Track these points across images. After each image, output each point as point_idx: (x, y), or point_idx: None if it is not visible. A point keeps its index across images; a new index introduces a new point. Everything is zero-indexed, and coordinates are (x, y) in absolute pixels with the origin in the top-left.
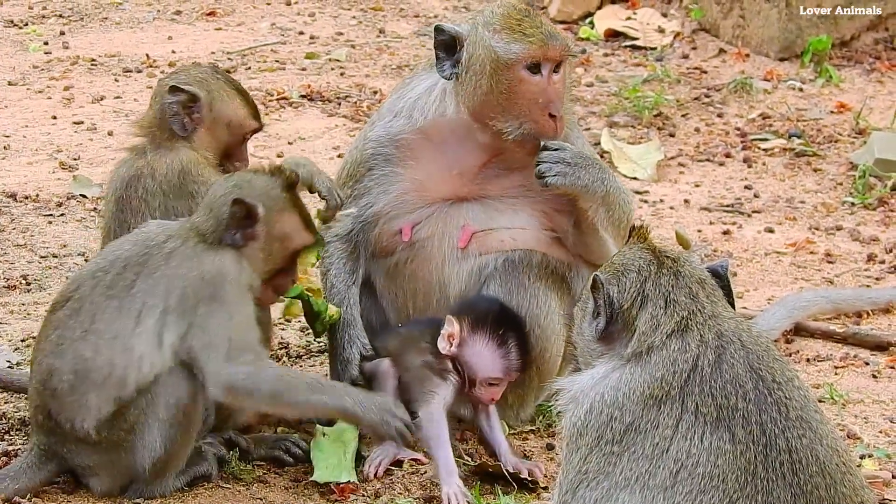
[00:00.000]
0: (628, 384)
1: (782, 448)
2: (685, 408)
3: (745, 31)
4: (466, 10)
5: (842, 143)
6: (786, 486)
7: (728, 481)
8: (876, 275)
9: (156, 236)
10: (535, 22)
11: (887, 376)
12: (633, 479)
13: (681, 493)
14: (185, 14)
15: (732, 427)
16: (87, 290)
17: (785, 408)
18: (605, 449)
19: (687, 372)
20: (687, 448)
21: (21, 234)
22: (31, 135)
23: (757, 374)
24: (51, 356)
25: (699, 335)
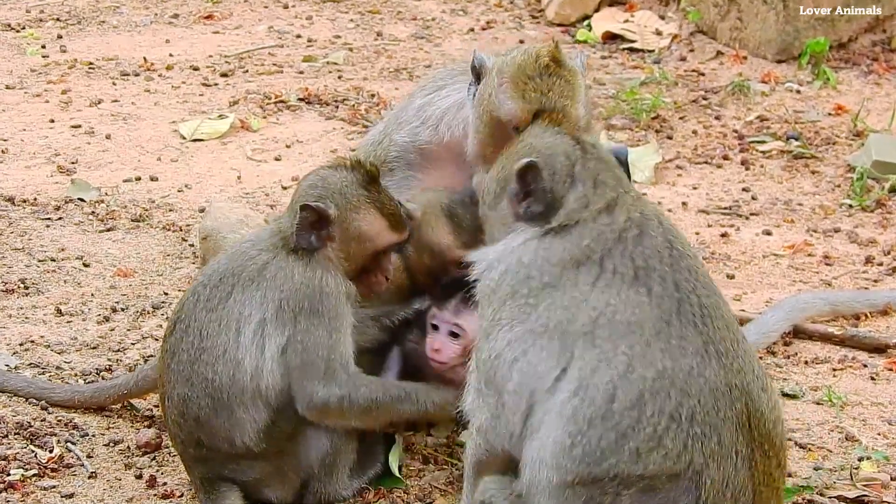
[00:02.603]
0: (548, 249)
1: (694, 302)
2: (604, 269)
3: (742, 33)
4: (464, 13)
5: (839, 145)
6: (697, 333)
7: (645, 328)
8: (874, 277)
9: (249, 248)
10: (543, 87)
11: (885, 378)
12: (550, 325)
13: (601, 336)
14: (182, 17)
15: (649, 283)
16: (190, 307)
17: (695, 272)
18: (520, 301)
19: (612, 241)
20: (605, 299)
21: (19, 238)
22: (29, 138)
23: (671, 245)
24: (178, 385)
25: (626, 213)
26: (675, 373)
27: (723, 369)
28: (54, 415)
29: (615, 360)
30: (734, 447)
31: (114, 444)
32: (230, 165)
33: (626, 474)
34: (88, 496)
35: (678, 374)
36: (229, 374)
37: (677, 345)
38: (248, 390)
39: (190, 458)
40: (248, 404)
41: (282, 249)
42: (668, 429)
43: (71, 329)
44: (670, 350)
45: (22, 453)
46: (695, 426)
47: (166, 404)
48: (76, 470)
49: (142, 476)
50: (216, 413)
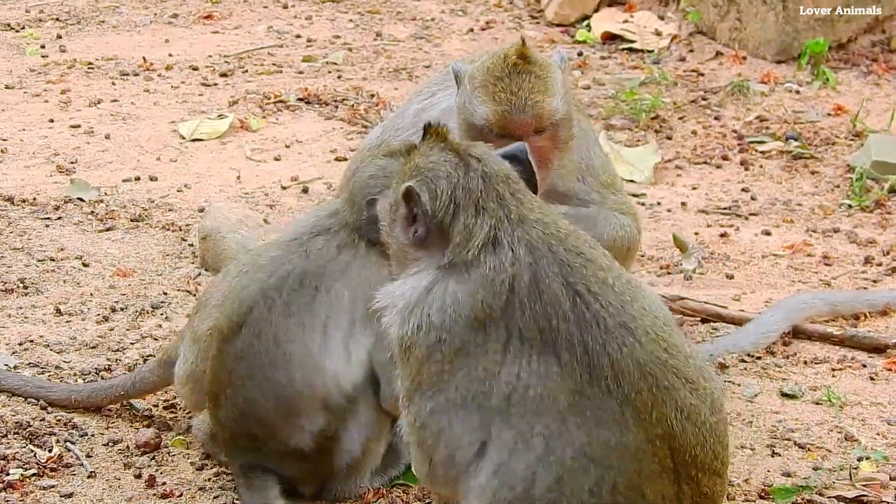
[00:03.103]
0: (452, 305)
1: (605, 364)
2: (510, 332)
3: (741, 33)
4: (463, 14)
5: (839, 145)
6: (612, 398)
7: (560, 402)
8: (873, 277)
9: (326, 246)
10: (512, 86)
11: (885, 378)
12: (468, 398)
13: (516, 415)
14: (181, 17)
15: (557, 350)
16: (263, 312)
17: (603, 320)
18: (436, 367)
19: (505, 294)
20: (517, 372)
21: (18, 238)
22: (29, 138)
23: (573, 289)
24: (246, 388)
25: (510, 251)
26: (594, 448)
27: (642, 428)
28: (53, 414)
29: (532, 441)
30: (660, 494)
31: (113, 444)
32: (229, 165)
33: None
34: (88, 496)
35: (596, 449)
36: (304, 381)
37: (592, 416)
38: (318, 395)
39: (237, 447)
40: (312, 411)
41: (360, 243)
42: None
43: (70, 329)
44: (586, 423)
45: (21, 453)
46: (616, 496)
47: (222, 401)
48: (75, 469)
49: (141, 476)
50: (282, 418)
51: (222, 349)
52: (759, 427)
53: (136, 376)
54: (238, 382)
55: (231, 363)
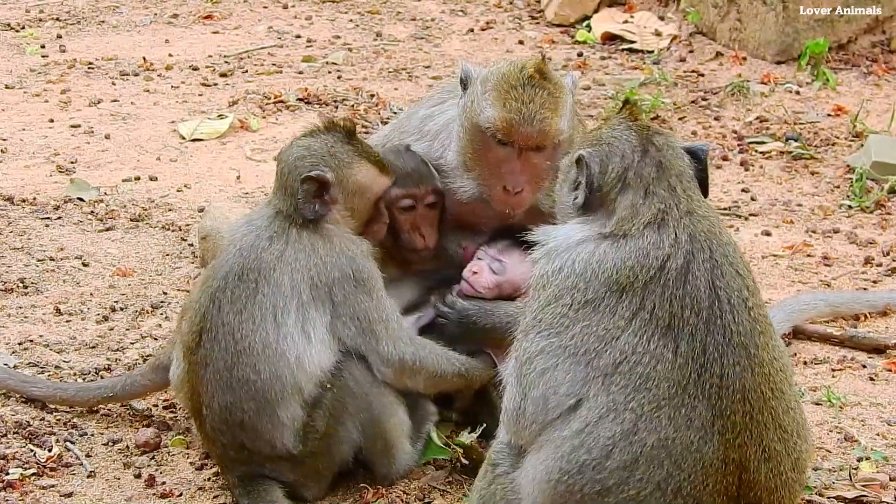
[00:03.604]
0: (600, 262)
1: (716, 373)
2: (643, 305)
3: (741, 34)
4: (463, 14)
5: (839, 146)
6: (709, 406)
7: (661, 387)
8: (873, 277)
9: (255, 240)
10: (524, 97)
11: (885, 379)
12: (580, 350)
13: (616, 383)
14: (181, 17)
15: (678, 339)
16: (215, 314)
17: (730, 333)
18: (561, 310)
19: (655, 269)
20: (634, 344)
21: (18, 237)
22: (29, 138)
23: (715, 292)
24: (219, 393)
25: (674, 233)
26: (675, 444)
27: (723, 445)
28: (53, 414)
29: (623, 414)
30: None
31: (113, 444)
32: (229, 165)
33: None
34: (87, 495)
35: (677, 446)
36: (272, 371)
37: (685, 415)
38: (288, 384)
39: (229, 460)
40: (289, 402)
41: (290, 229)
42: (651, 495)
43: (70, 328)
44: (676, 419)
45: (21, 452)
46: (678, 499)
47: (204, 414)
48: (75, 469)
49: (140, 475)
50: (259, 415)
51: (191, 361)
52: None
53: (126, 379)
54: (211, 389)
55: (201, 372)
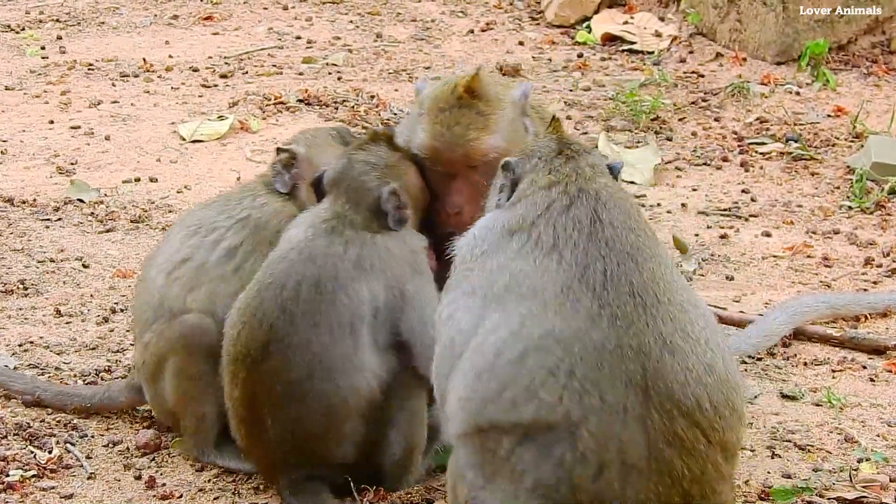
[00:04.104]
0: (494, 221)
1: (598, 270)
2: (530, 237)
3: (742, 35)
4: (463, 15)
5: (839, 146)
6: (594, 297)
7: (547, 291)
8: (873, 278)
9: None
10: (450, 120)
11: (885, 380)
12: (477, 287)
13: (509, 299)
14: (182, 18)
15: (562, 252)
16: (286, 325)
17: (612, 242)
18: (464, 267)
19: (540, 211)
20: (521, 266)
21: (18, 239)
22: (29, 139)
23: (597, 216)
24: (291, 406)
25: (563, 188)
26: (562, 332)
27: (615, 331)
28: (53, 416)
29: (512, 320)
30: (622, 404)
31: (113, 445)
32: (230, 167)
33: (505, 423)
34: (88, 497)
35: (564, 333)
36: (348, 385)
37: (570, 307)
38: (363, 397)
39: (286, 465)
40: (353, 418)
41: (362, 235)
42: (544, 382)
43: (70, 330)
44: (562, 312)
45: (21, 454)
46: (573, 381)
47: (269, 426)
48: (75, 471)
49: (141, 477)
50: (327, 429)
51: (251, 370)
52: (759, 428)
53: (104, 392)
54: (281, 401)
55: (269, 383)
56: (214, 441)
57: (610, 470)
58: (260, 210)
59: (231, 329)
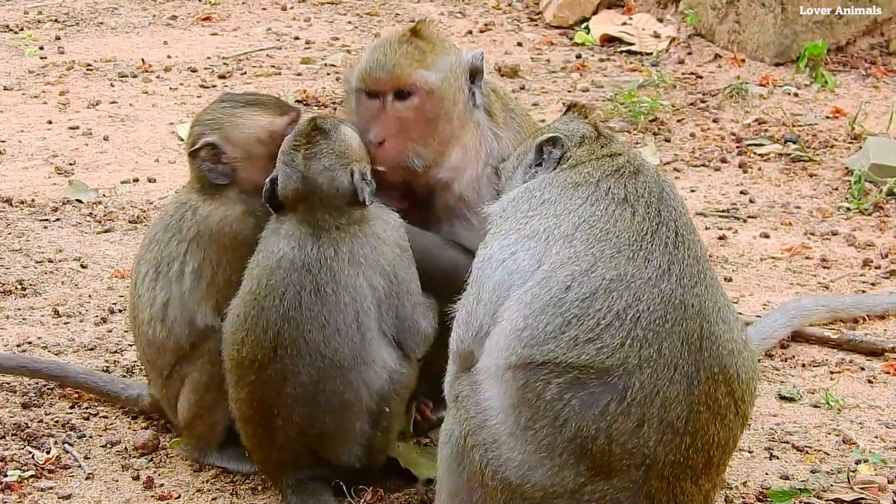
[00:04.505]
0: (553, 178)
1: (672, 228)
2: (598, 188)
3: (740, 36)
4: (462, 16)
5: (837, 148)
6: (666, 253)
7: (621, 237)
8: (871, 280)
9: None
10: (388, 49)
11: (883, 381)
12: (540, 230)
13: (579, 238)
14: (180, 19)
15: (635, 206)
16: (292, 332)
17: (679, 212)
18: (520, 215)
19: (610, 171)
20: (592, 210)
21: (17, 239)
22: (27, 139)
23: (662, 187)
24: (302, 406)
25: (626, 158)
26: (633, 279)
27: (681, 287)
28: (51, 416)
29: (582, 258)
30: (675, 361)
31: (111, 446)
32: None
33: (560, 361)
34: (85, 497)
35: (636, 280)
36: (362, 379)
37: (643, 257)
38: (371, 392)
39: (294, 466)
40: (363, 414)
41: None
42: (610, 325)
43: (68, 330)
44: (635, 260)
45: (19, 454)
46: (637, 329)
47: (279, 426)
48: (73, 471)
49: (139, 477)
50: (338, 426)
51: (260, 375)
52: (757, 430)
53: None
54: (292, 403)
55: (278, 386)
56: (219, 444)
57: (649, 426)
58: (206, 222)
59: (233, 335)
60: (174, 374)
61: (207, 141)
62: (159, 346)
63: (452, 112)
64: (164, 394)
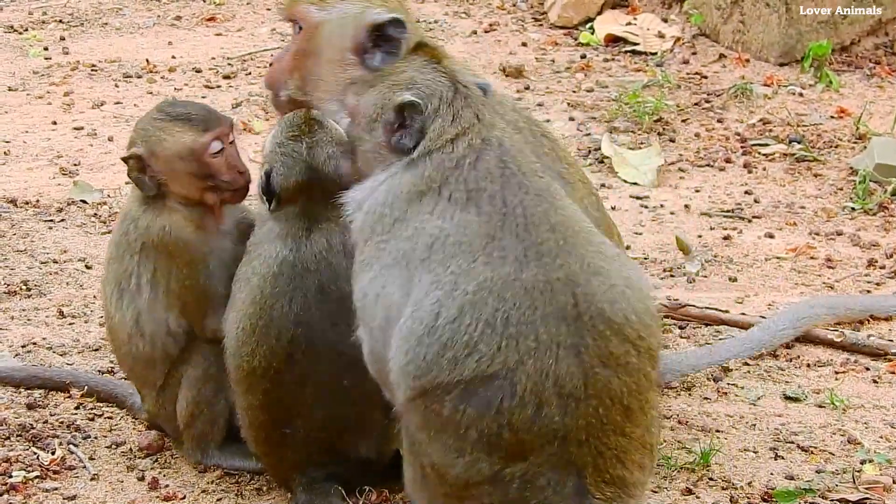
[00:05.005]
0: (400, 184)
1: (518, 213)
2: (441, 197)
3: (745, 36)
4: (466, 16)
5: (842, 148)
6: (518, 241)
7: (473, 244)
8: (876, 280)
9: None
10: None
11: (888, 381)
12: (399, 257)
13: (435, 261)
14: (185, 19)
15: (480, 204)
16: (305, 334)
17: (525, 187)
18: (377, 240)
19: (450, 169)
20: (440, 226)
21: (21, 240)
22: (32, 140)
23: (505, 165)
24: (323, 405)
25: (467, 142)
26: (494, 282)
27: (542, 268)
28: (56, 417)
29: (444, 280)
30: (554, 340)
31: (116, 446)
32: None
33: (447, 382)
34: (90, 498)
35: (496, 282)
36: (376, 370)
37: (498, 255)
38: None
39: (310, 462)
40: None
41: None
42: (482, 334)
43: (73, 331)
44: (492, 262)
45: (24, 455)
46: (509, 328)
47: (299, 426)
48: (78, 472)
49: (144, 478)
50: (359, 420)
51: (277, 381)
52: (762, 430)
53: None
54: (312, 403)
55: (296, 390)
56: (220, 442)
57: (549, 405)
58: (148, 233)
59: (242, 347)
60: (169, 382)
61: (134, 152)
62: (147, 360)
63: (331, 56)
64: (161, 405)
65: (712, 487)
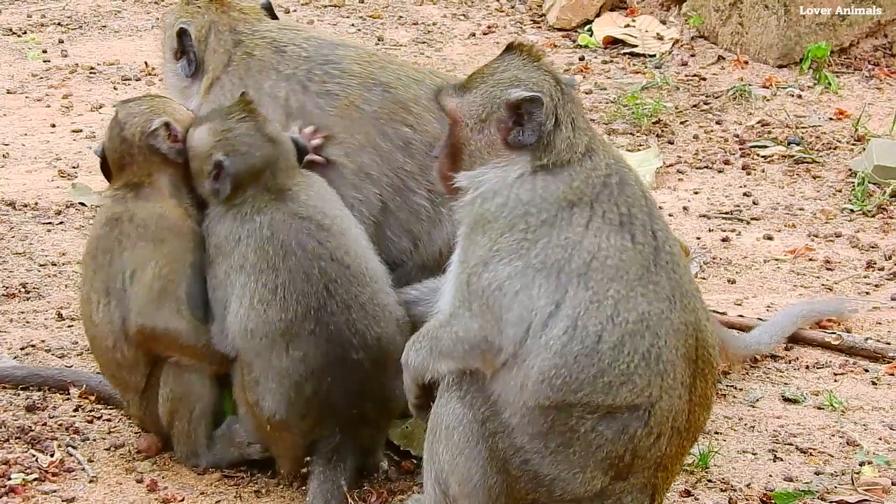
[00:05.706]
0: (546, 187)
1: (667, 251)
2: (594, 212)
3: (743, 38)
4: (465, 18)
5: (841, 150)
6: (669, 279)
7: (630, 272)
8: (875, 281)
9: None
10: None
11: (886, 383)
12: (548, 263)
13: (594, 279)
14: None
15: (633, 231)
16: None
17: (664, 224)
18: (518, 236)
19: (598, 186)
20: (597, 243)
21: (20, 242)
22: (30, 143)
23: (645, 195)
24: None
25: (603, 159)
26: (650, 316)
27: (683, 311)
28: (55, 419)
29: (604, 303)
30: (682, 379)
31: (115, 449)
32: None
33: (596, 403)
34: (89, 500)
35: (652, 317)
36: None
37: (653, 290)
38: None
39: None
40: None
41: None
42: (638, 367)
43: (72, 333)
44: (647, 295)
45: (23, 457)
46: (659, 364)
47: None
48: (77, 474)
49: (143, 480)
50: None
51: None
52: (760, 432)
53: None
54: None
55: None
56: (206, 442)
57: (664, 436)
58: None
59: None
60: (150, 382)
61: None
62: (130, 365)
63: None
64: (145, 408)
65: (711, 489)
